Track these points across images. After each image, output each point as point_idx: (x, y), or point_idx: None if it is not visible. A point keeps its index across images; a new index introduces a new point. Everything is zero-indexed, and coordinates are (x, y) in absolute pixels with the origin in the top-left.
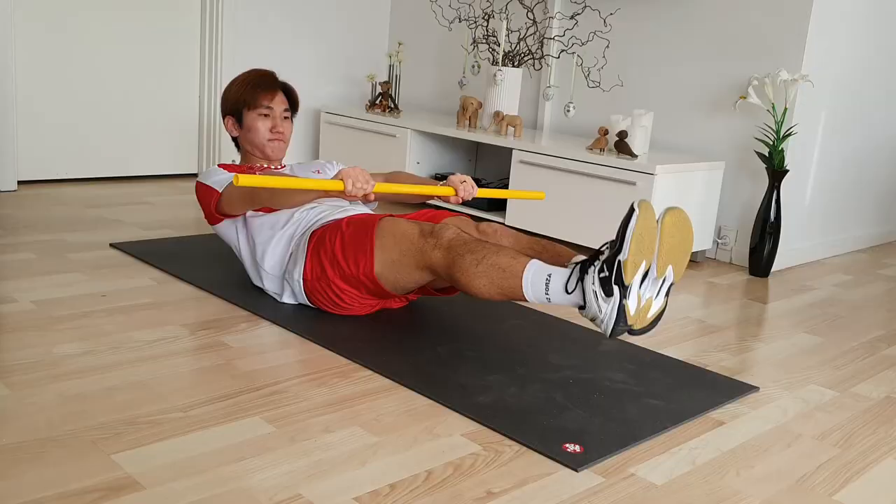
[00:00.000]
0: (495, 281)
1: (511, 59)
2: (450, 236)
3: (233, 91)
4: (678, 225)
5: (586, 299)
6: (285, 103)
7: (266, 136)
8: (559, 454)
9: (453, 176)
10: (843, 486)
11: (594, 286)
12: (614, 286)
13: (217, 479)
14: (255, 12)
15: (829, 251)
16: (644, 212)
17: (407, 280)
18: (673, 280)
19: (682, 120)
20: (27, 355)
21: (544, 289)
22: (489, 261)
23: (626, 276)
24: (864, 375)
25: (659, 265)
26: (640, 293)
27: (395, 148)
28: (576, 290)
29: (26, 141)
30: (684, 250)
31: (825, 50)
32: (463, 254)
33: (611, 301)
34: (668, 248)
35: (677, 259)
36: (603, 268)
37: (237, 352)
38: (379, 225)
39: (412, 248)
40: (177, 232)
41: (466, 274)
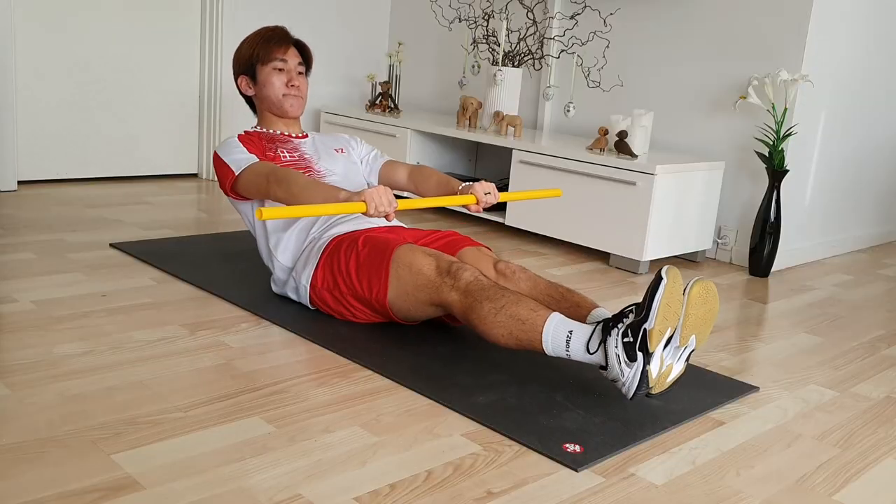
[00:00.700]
0: (514, 333)
1: (511, 59)
2: (468, 279)
3: (245, 48)
4: (705, 297)
5: (608, 361)
6: (299, 58)
7: (282, 90)
8: (559, 454)
9: (478, 184)
10: (843, 486)
11: (617, 349)
12: (638, 353)
13: (217, 479)
14: (255, 12)
15: (829, 251)
16: (672, 280)
17: (419, 313)
18: (694, 347)
19: (682, 120)
20: (27, 355)
21: (564, 346)
22: (508, 311)
23: (650, 344)
24: (864, 375)
25: (683, 334)
26: (662, 357)
27: (396, 148)
28: (598, 351)
29: (26, 141)
30: (709, 321)
31: (825, 50)
32: (481, 301)
33: (634, 366)
34: (693, 319)
35: (702, 329)
36: (627, 332)
37: (237, 352)
38: (395, 254)
39: (428, 284)
40: (177, 232)
41: (484, 322)
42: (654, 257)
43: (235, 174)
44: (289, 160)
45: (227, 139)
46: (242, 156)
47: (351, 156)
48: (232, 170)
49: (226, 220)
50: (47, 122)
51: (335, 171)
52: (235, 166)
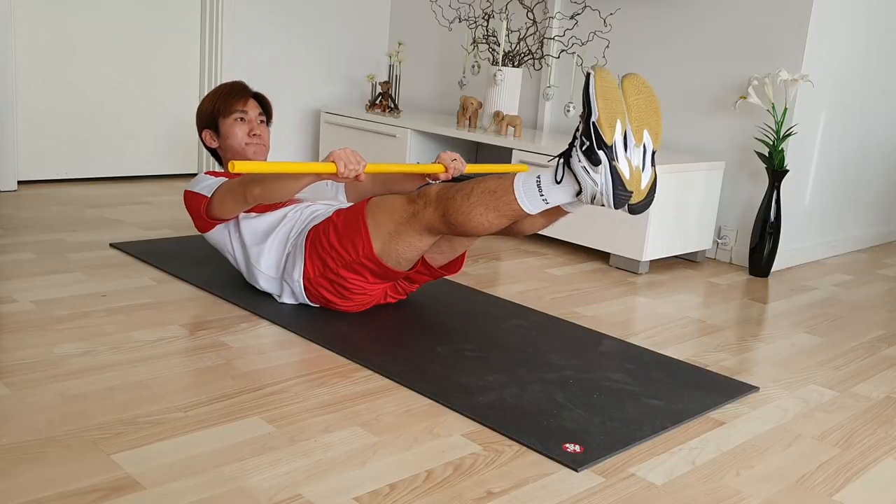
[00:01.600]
0: (490, 205)
1: (511, 59)
2: (436, 190)
3: (206, 104)
4: (638, 87)
5: (579, 180)
6: (259, 108)
7: (244, 139)
8: (559, 454)
9: (443, 153)
10: (843, 486)
11: (581, 163)
12: (599, 151)
13: (217, 479)
14: (255, 12)
15: (829, 251)
16: (600, 72)
17: (408, 250)
18: (654, 147)
19: (682, 120)
20: (27, 355)
21: (538, 191)
22: (478, 189)
23: (605, 136)
24: (864, 375)
25: (634, 129)
26: (627, 157)
27: (395, 148)
28: (565, 175)
29: (26, 141)
30: (653, 111)
31: (825, 50)
32: (452, 196)
33: (601, 168)
34: (636, 112)
35: (650, 122)
36: (582, 140)
37: (237, 352)
38: (368, 205)
39: (405, 215)
40: (177, 232)
41: (461, 211)
42: (654, 257)
43: (209, 196)
44: None
45: (195, 177)
46: (211, 181)
47: None
48: (203, 195)
49: None
50: (47, 122)
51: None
52: (207, 191)
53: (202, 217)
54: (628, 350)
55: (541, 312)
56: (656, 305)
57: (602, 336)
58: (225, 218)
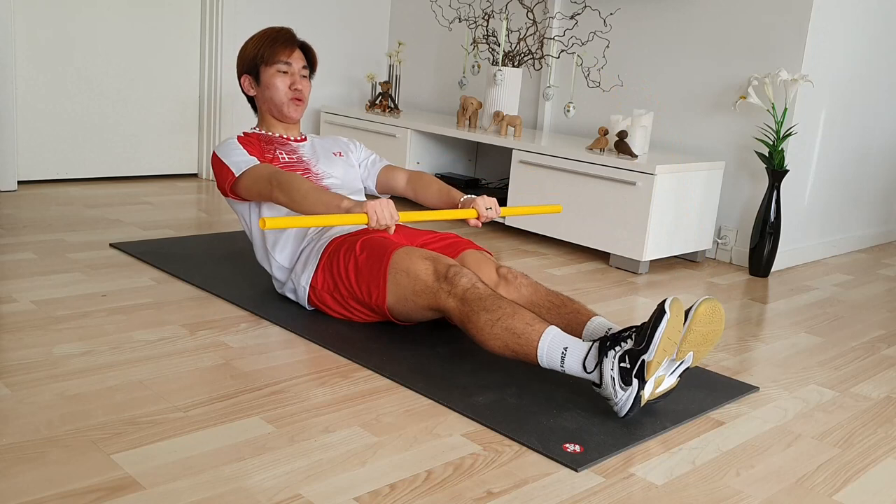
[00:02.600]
0: (510, 345)
1: (511, 59)
2: (465, 286)
3: (250, 48)
4: (711, 317)
5: (603, 381)
6: (303, 60)
7: (285, 94)
8: (559, 454)
9: (479, 199)
10: (843, 486)
11: (612, 372)
12: (634, 379)
13: (217, 479)
14: (256, 12)
15: (829, 251)
16: (674, 315)
17: (418, 317)
18: (690, 365)
19: (682, 120)
20: (27, 355)
21: (559, 361)
22: (504, 324)
23: (647, 374)
24: (864, 375)
25: (681, 349)
26: (656, 379)
27: (395, 148)
28: (594, 371)
29: (26, 141)
30: (711, 340)
31: (825, 50)
32: (478, 311)
33: (629, 390)
34: (694, 336)
35: (701, 348)
36: (625, 357)
37: (237, 352)
38: (393, 259)
39: (425, 290)
40: (177, 232)
41: (481, 333)
42: (654, 257)
43: (235, 176)
44: (287, 161)
45: (226, 140)
46: (242, 158)
47: (349, 159)
48: (232, 171)
49: (226, 220)
50: (47, 122)
51: (333, 174)
52: (235, 168)
53: (226, 190)
54: None
55: None
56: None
57: None
58: (247, 200)
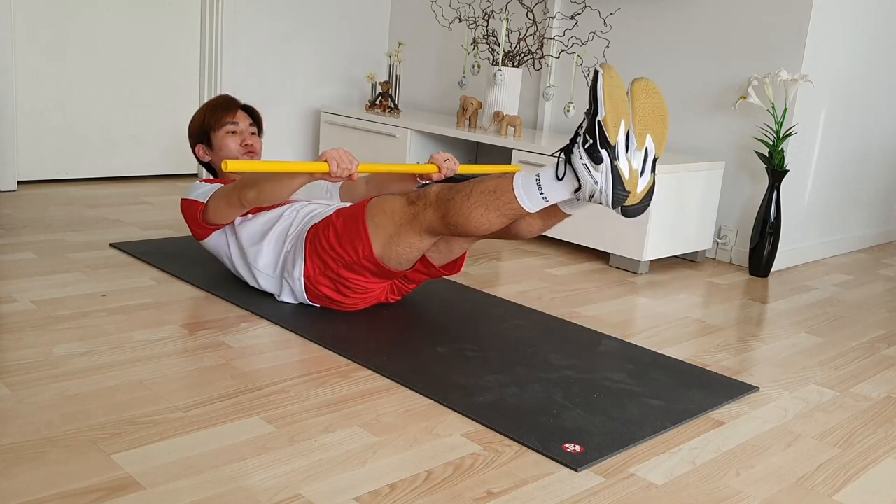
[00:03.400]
0: (490, 204)
1: (511, 59)
2: (435, 191)
3: (196, 120)
4: (647, 92)
5: (579, 177)
6: (249, 119)
7: (237, 150)
8: (559, 454)
9: (436, 154)
10: (843, 486)
11: (583, 160)
12: (602, 150)
13: (217, 479)
14: (256, 12)
15: (829, 251)
16: (609, 71)
17: (408, 251)
18: (655, 153)
19: (682, 120)
20: (27, 355)
21: (537, 189)
22: (477, 190)
23: (609, 135)
24: (864, 375)
25: (637, 132)
26: (627, 158)
27: (395, 148)
28: (566, 172)
29: (26, 141)
30: (659, 118)
31: (825, 50)
32: (452, 197)
33: (602, 167)
34: (642, 115)
35: (654, 127)
36: (586, 138)
37: (237, 352)
38: (368, 206)
39: (405, 216)
40: (177, 232)
41: (461, 212)
42: (654, 257)
43: (204, 202)
44: None
45: (190, 185)
46: (207, 188)
47: None
48: (199, 201)
49: None
50: (47, 122)
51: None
52: (202, 197)
53: (198, 222)
54: (628, 350)
55: (541, 312)
56: (656, 305)
57: (602, 336)
58: (221, 223)
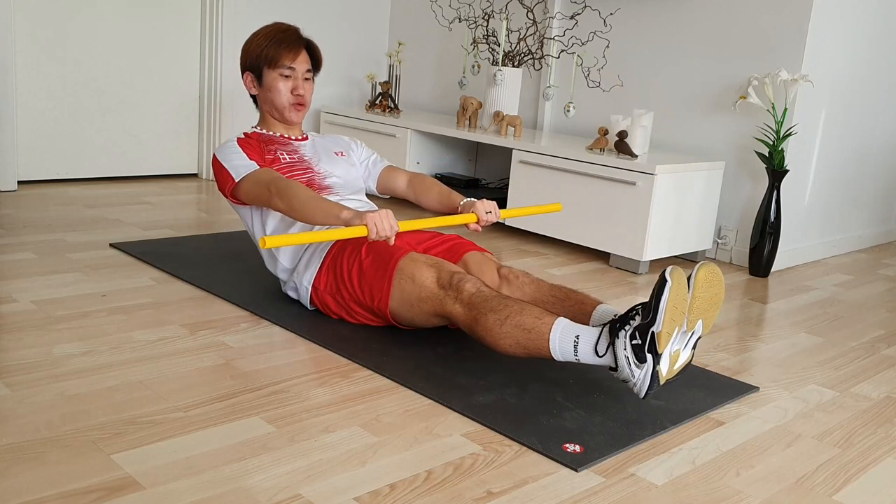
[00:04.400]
0: (521, 342)
1: (511, 59)
2: (470, 291)
3: (254, 46)
4: (710, 281)
5: (618, 363)
6: (308, 62)
7: (287, 98)
8: (559, 454)
9: (479, 203)
10: (843, 486)
11: (626, 352)
12: (647, 354)
13: (217, 479)
14: (256, 12)
15: (829, 251)
16: (676, 282)
17: (422, 323)
18: (701, 333)
19: (682, 120)
20: (27, 355)
21: (573, 350)
22: (513, 321)
23: (659, 347)
24: (864, 375)
25: (689, 319)
26: (670, 352)
27: (395, 148)
28: (607, 353)
29: (26, 141)
30: (715, 305)
31: (825, 50)
32: (485, 312)
33: (644, 367)
34: (699, 303)
35: (708, 314)
36: (635, 334)
37: (237, 352)
38: (399, 265)
39: (431, 297)
40: (177, 232)
41: (491, 334)
42: (654, 257)
43: (235, 181)
44: (288, 162)
45: (227, 142)
46: (242, 162)
47: (351, 158)
48: (232, 176)
49: (226, 220)
50: (47, 122)
51: (335, 173)
52: (235, 172)
53: (226, 193)
54: None
55: None
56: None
57: None
58: (247, 204)
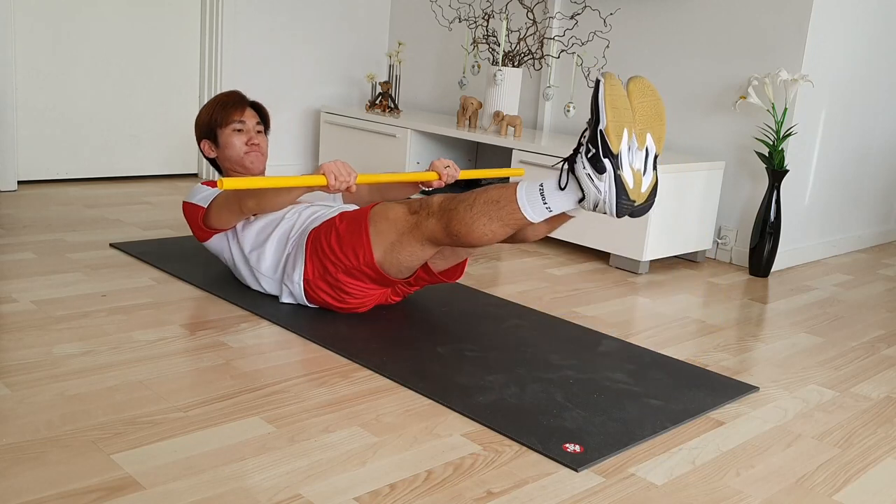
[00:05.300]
0: (493, 215)
1: (511, 59)
2: (438, 201)
3: (203, 115)
4: (643, 90)
5: (583, 187)
6: (257, 118)
7: (243, 149)
8: (559, 454)
9: (436, 161)
10: (843, 486)
11: (586, 169)
12: (604, 160)
13: (217, 479)
14: (256, 12)
15: (829, 251)
16: (610, 79)
17: (409, 259)
18: (656, 151)
19: (682, 120)
20: (27, 355)
21: (541, 199)
22: (480, 199)
23: (612, 145)
24: (864, 375)
25: (637, 131)
26: (630, 164)
27: (395, 148)
28: (569, 182)
29: (26, 141)
30: (657, 115)
31: (825, 50)
32: (455, 206)
33: (605, 177)
34: (640, 115)
35: (653, 126)
36: (588, 147)
37: (237, 352)
38: (371, 213)
39: (407, 225)
40: (177, 232)
41: (464, 222)
42: (655, 257)
43: (205, 207)
44: None
45: (192, 188)
46: (208, 192)
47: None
48: (200, 206)
49: None
50: (47, 122)
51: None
52: (203, 202)
53: (200, 227)
54: (628, 350)
55: (541, 312)
56: (656, 305)
57: (602, 336)
58: (222, 228)
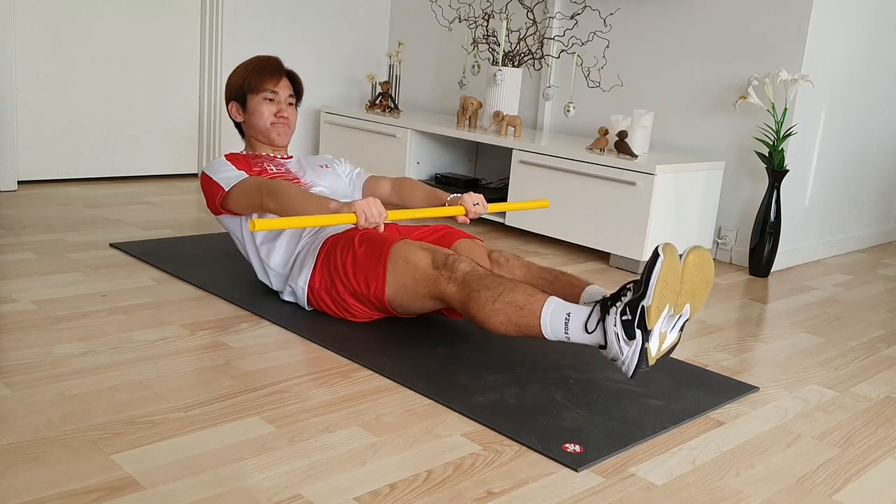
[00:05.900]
0: (513, 319)
1: (511, 59)
2: (464, 270)
3: (237, 76)
4: (700, 265)
5: (607, 340)
6: (290, 89)
7: (270, 120)
8: (559, 454)
9: (466, 196)
10: (843, 486)
11: (616, 328)
12: (637, 330)
13: (217, 479)
14: (256, 12)
15: (829, 251)
16: (669, 256)
17: (418, 306)
18: (689, 317)
19: (682, 120)
20: (27, 355)
21: (563, 328)
22: (506, 298)
23: (649, 322)
24: (864, 375)
25: (678, 302)
26: (660, 331)
27: (395, 148)
28: (596, 330)
29: (26, 141)
30: (704, 287)
31: (825, 50)
32: (479, 290)
33: (633, 344)
34: (688, 287)
35: (696, 297)
36: (625, 310)
37: (237, 352)
38: (392, 250)
39: (425, 278)
40: (177, 232)
41: (483, 311)
42: None
43: (225, 190)
44: (275, 173)
45: (216, 160)
46: (231, 173)
47: (335, 170)
48: (221, 186)
49: None
50: (47, 122)
51: (321, 183)
52: (225, 183)
53: (216, 205)
54: None
55: None
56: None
57: None
58: (238, 213)
